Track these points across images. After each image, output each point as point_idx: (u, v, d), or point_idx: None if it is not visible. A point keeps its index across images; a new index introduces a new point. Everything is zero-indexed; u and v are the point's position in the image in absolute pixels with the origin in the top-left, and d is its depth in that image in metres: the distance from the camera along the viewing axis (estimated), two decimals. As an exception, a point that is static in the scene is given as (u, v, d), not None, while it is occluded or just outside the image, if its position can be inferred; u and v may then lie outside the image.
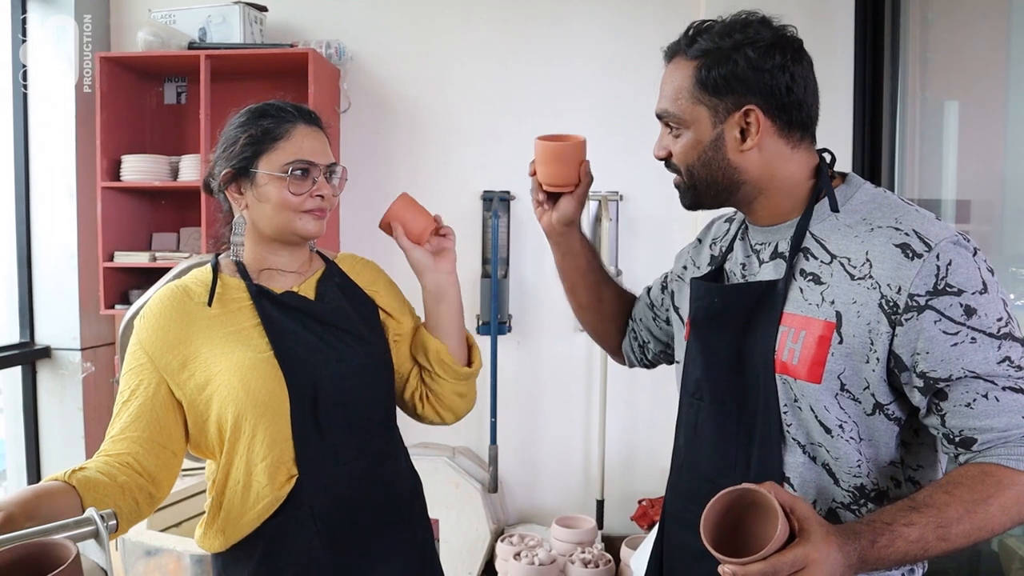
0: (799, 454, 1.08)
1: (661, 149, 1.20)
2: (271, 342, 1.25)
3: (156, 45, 3.10)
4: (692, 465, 1.22)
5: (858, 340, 1.02)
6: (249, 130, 1.27)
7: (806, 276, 1.08)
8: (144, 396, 1.22)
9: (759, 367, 1.09)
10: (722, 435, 1.15)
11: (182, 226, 3.41)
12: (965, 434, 0.99)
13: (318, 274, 1.38)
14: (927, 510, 0.94)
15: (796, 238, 1.10)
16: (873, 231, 1.05)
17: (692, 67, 1.11)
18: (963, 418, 0.99)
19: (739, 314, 1.14)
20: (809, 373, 1.04)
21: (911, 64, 3.09)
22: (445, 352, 1.37)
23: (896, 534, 0.92)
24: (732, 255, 1.23)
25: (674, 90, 1.14)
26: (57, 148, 3.24)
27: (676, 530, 1.26)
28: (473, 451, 3.39)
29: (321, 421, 1.25)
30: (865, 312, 1.02)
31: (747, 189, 1.14)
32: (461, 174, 3.35)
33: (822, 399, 1.04)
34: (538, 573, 2.79)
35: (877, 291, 1.01)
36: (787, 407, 1.07)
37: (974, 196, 2.93)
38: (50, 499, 1.01)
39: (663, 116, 1.17)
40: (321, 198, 1.27)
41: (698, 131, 1.12)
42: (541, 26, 3.28)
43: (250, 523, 1.23)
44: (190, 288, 1.30)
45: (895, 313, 1.00)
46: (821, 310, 1.05)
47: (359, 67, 3.38)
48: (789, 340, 1.06)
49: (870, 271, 1.02)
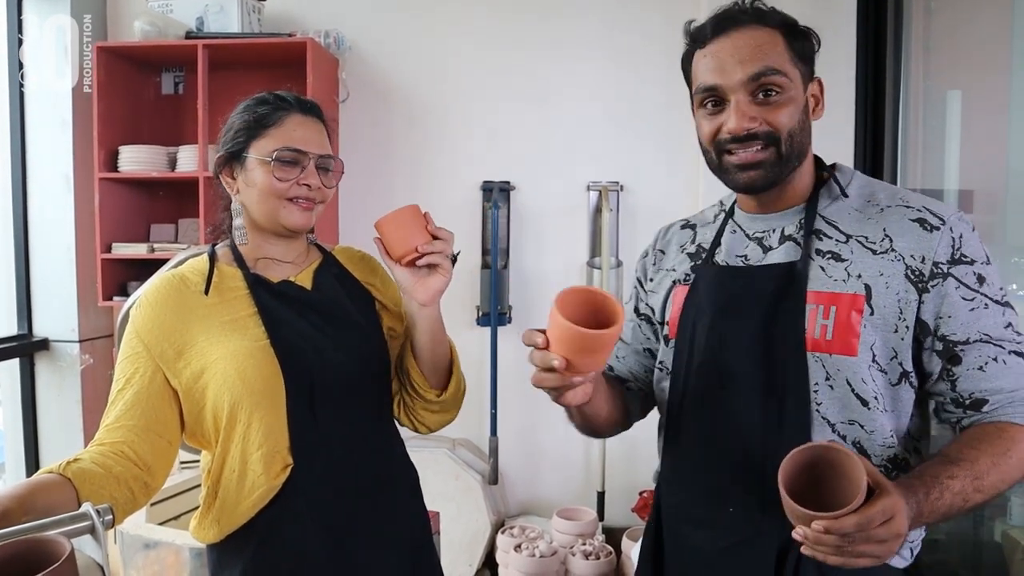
0: (828, 433, 1.09)
1: (750, 120, 1.09)
2: (267, 331, 1.24)
3: (153, 35, 3.08)
4: (712, 460, 1.18)
5: (889, 310, 1.07)
6: (245, 116, 1.28)
7: (824, 255, 1.11)
8: (140, 384, 1.22)
9: (789, 347, 1.09)
10: (750, 423, 1.12)
11: (180, 217, 3.39)
12: (976, 396, 1.06)
13: (315, 264, 1.38)
14: (963, 463, 0.99)
15: (808, 220, 1.14)
16: (884, 211, 1.12)
17: (779, 33, 1.11)
18: (975, 381, 1.06)
19: (762, 297, 1.13)
20: (845, 347, 1.07)
21: (914, 53, 3.08)
22: (417, 375, 1.33)
23: (944, 487, 0.96)
24: (720, 249, 1.24)
25: (771, 50, 1.09)
26: (54, 139, 3.21)
27: (686, 531, 1.21)
28: (473, 443, 3.38)
29: (317, 410, 1.24)
30: (893, 283, 1.07)
31: (800, 164, 1.15)
32: (461, 164, 3.33)
33: (859, 372, 1.07)
34: (539, 565, 2.78)
35: (901, 263, 1.07)
36: (818, 385, 1.09)
37: (977, 186, 2.92)
38: (45, 493, 1.01)
39: (765, 75, 1.08)
40: (308, 188, 1.26)
41: (797, 94, 1.11)
42: (542, 14, 3.26)
43: (245, 512, 1.22)
44: (187, 277, 1.30)
45: (921, 281, 1.06)
46: (848, 284, 1.08)
47: (358, 57, 3.35)
48: (820, 317, 1.08)
49: (891, 245, 1.08)
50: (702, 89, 1.13)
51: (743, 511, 1.13)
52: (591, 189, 3.23)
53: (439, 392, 1.35)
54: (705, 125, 1.15)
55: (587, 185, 3.24)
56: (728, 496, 1.15)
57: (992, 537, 2.63)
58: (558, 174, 3.28)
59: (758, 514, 1.11)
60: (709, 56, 1.12)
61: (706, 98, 1.13)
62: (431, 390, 1.33)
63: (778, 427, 1.10)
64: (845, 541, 0.86)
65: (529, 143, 3.29)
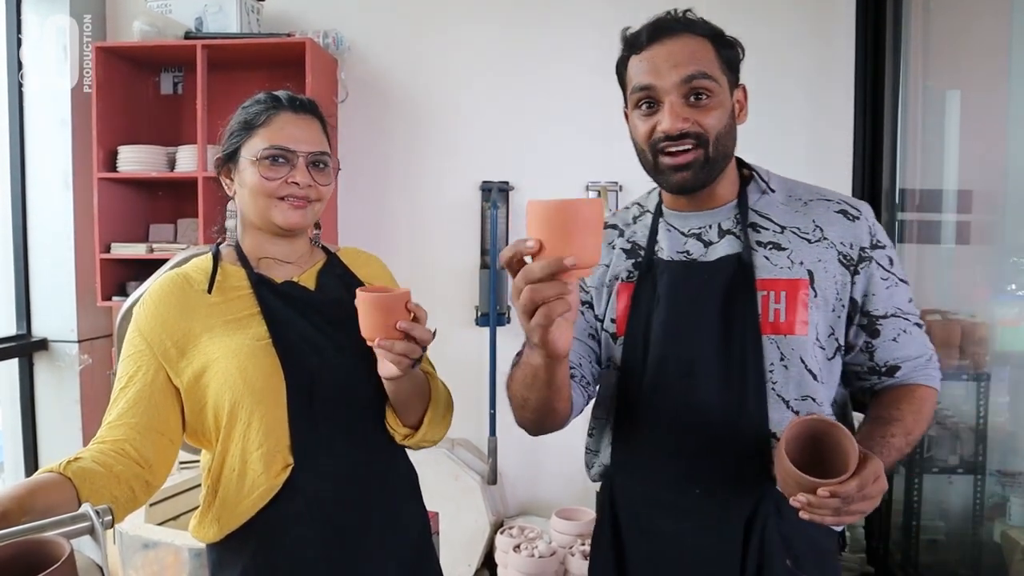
0: (783, 410, 1.19)
1: (683, 120, 1.15)
2: (270, 330, 1.24)
3: (152, 35, 3.08)
4: (677, 447, 1.23)
5: (829, 292, 1.20)
6: (239, 117, 1.30)
7: (765, 246, 1.22)
8: (142, 383, 1.22)
9: (746, 332, 1.18)
10: (713, 407, 1.20)
11: (179, 217, 3.39)
12: (890, 363, 1.24)
13: (319, 265, 1.38)
14: (895, 423, 1.17)
15: (743, 214, 1.24)
16: (807, 204, 1.25)
17: (708, 41, 1.19)
18: (890, 351, 1.23)
19: (715, 289, 1.21)
20: (798, 328, 1.18)
21: (913, 53, 3.08)
22: (390, 413, 1.31)
23: (889, 445, 1.14)
24: (660, 246, 1.28)
25: (702, 57, 1.17)
26: (53, 138, 3.21)
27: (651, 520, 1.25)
28: (472, 443, 3.38)
29: (317, 411, 1.24)
30: (830, 268, 1.20)
31: (727, 165, 1.24)
32: (460, 164, 3.33)
33: (810, 350, 1.19)
34: (538, 565, 2.78)
35: (834, 249, 1.21)
36: (773, 366, 1.19)
37: (976, 186, 2.93)
38: (45, 493, 1.00)
39: (697, 78, 1.15)
40: (297, 186, 1.25)
41: (724, 99, 1.19)
42: (541, 15, 3.26)
43: (245, 512, 1.22)
44: (190, 276, 1.30)
45: (852, 264, 1.21)
46: (793, 271, 1.20)
47: (357, 57, 3.35)
48: (772, 302, 1.19)
49: (823, 234, 1.22)
50: (638, 88, 1.20)
51: (710, 492, 1.21)
52: (590, 189, 3.23)
53: (408, 433, 1.32)
54: (640, 125, 1.21)
55: (586, 185, 3.24)
56: (695, 479, 1.22)
57: (991, 537, 2.63)
58: (557, 174, 3.28)
59: (725, 492, 1.20)
60: (645, 61, 1.19)
61: (641, 98, 1.20)
62: (401, 428, 1.31)
63: (739, 408, 1.18)
64: (844, 502, 0.98)
65: (528, 143, 3.29)
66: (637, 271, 1.29)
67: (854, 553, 2.92)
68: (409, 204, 3.38)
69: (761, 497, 1.18)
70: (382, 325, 1.12)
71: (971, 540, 2.76)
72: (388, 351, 1.12)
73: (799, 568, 1.18)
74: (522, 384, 1.15)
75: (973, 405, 2.68)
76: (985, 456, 2.67)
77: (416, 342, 1.14)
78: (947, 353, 2.75)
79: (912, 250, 3.19)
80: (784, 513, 1.15)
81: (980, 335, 2.75)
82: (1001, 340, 2.74)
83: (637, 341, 1.26)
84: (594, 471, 1.41)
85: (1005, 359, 2.71)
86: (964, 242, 3.01)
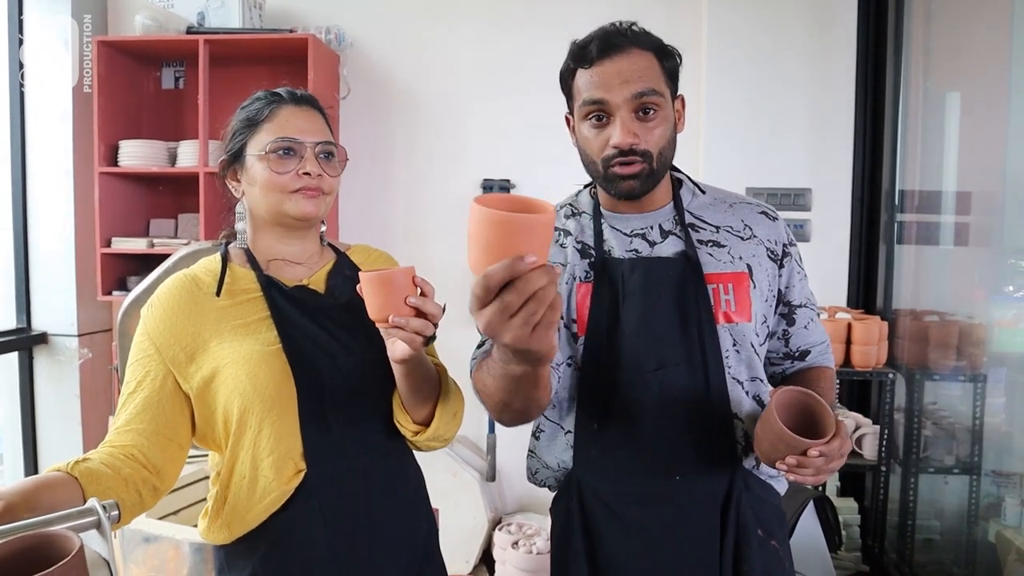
0: (740, 392, 1.30)
1: (633, 136, 1.22)
2: (280, 335, 1.23)
3: (154, 29, 3.08)
4: (652, 438, 1.27)
5: (764, 283, 1.32)
6: (240, 116, 1.28)
7: (706, 244, 1.31)
8: (150, 388, 1.20)
9: (703, 322, 1.27)
10: (683, 395, 1.27)
11: (180, 212, 3.40)
12: (802, 348, 1.42)
13: (328, 266, 1.35)
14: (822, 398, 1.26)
15: (680, 216, 1.33)
16: (733, 206, 1.37)
17: (652, 56, 1.25)
18: (803, 337, 1.41)
19: (670, 284, 1.28)
20: (747, 315, 1.29)
21: (913, 55, 3.09)
22: (399, 408, 1.29)
23: None
24: (608, 245, 1.33)
25: (650, 74, 1.23)
26: (54, 133, 3.22)
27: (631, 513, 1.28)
28: (471, 440, 3.39)
29: (328, 415, 1.23)
30: (763, 262, 1.32)
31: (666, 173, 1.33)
32: (461, 162, 3.33)
33: (759, 334, 1.32)
34: (535, 562, 2.79)
35: (763, 246, 1.33)
36: (728, 352, 1.28)
37: (975, 188, 2.93)
38: (51, 490, 1.00)
39: (646, 95, 1.21)
40: (308, 176, 1.24)
41: (668, 112, 1.26)
42: (542, 13, 3.26)
43: (257, 517, 1.22)
44: (199, 278, 1.28)
45: (777, 259, 1.34)
46: (735, 265, 1.30)
47: (359, 53, 3.36)
48: (723, 293, 1.29)
49: (753, 233, 1.34)
50: (590, 101, 1.24)
51: (688, 476, 1.28)
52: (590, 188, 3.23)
53: (418, 430, 1.30)
54: (592, 138, 1.26)
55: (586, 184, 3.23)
56: (674, 466, 1.28)
57: (986, 537, 2.65)
58: (558, 173, 3.27)
59: (702, 474, 1.28)
60: (595, 75, 1.24)
61: (592, 111, 1.24)
62: (411, 425, 1.29)
63: (706, 393, 1.27)
64: (826, 461, 1.11)
65: (529, 141, 3.29)
66: (593, 271, 1.31)
67: (849, 552, 2.93)
68: (410, 201, 3.39)
69: (733, 474, 1.28)
70: (391, 303, 1.08)
71: (966, 540, 2.77)
72: (402, 328, 1.07)
73: (770, 536, 1.29)
74: (503, 391, 1.10)
75: (969, 406, 2.69)
76: (981, 456, 2.68)
77: (426, 318, 1.10)
78: (944, 354, 2.76)
79: (911, 251, 3.20)
80: (751, 487, 1.29)
81: (977, 336, 2.76)
82: (998, 341, 2.75)
83: (601, 340, 1.27)
84: (543, 475, 1.39)
85: (1002, 360, 2.72)
86: (962, 244, 3.02)
